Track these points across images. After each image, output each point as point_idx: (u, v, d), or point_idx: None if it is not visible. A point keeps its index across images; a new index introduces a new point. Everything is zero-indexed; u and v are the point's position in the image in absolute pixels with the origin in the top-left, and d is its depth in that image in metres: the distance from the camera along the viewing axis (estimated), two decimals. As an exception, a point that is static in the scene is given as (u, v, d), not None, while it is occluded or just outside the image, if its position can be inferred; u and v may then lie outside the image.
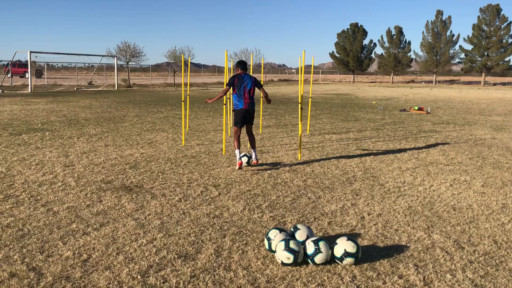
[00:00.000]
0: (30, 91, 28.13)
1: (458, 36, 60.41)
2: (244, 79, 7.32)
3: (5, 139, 9.89)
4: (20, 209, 5.22)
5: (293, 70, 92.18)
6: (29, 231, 4.55)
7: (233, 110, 7.60)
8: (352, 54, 67.28)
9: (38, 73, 49.62)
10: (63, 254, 4.03)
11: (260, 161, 8.00)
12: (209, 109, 18.31)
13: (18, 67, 49.39)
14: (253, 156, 7.53)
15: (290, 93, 32.16)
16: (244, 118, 7.44)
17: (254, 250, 4.23)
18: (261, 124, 12.27)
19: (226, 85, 7.57)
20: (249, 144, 7.82)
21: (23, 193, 5.83)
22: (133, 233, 4.57)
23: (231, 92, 7.83)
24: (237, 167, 7.36)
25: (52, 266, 3.79)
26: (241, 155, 7.55)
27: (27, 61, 33.75)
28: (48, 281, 3.54)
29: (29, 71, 30.46)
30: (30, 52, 29.44)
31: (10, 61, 35.16)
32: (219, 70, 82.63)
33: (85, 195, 5.81)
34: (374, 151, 9.33)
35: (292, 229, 4.30)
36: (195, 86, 41.98)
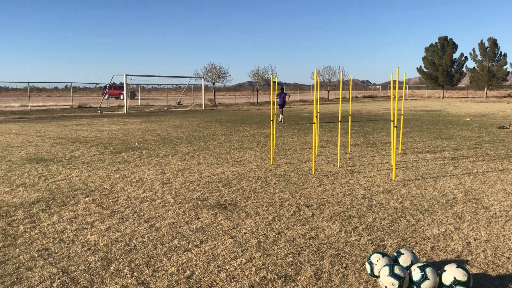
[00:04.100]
0: (125, 111, 30.03)
1: (562, 46, 55.66)
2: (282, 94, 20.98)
3: (107, 157, 10.59)
4: (126, 224, 5.53)
5: (378, 86, 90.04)
6: (135, 246, 4.80)
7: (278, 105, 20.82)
8: (441, 68, 64.41)
9: (132, 94, 52.99)
10: (168, 269, 4.19)
11: (351, 181, 7.89)
12: (293, 127, 18.37)
13: (114, 89, 53.05)
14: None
15: (376, 110, 31.39)
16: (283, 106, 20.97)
17: (355, 274, 4.11)
18: (349, 143, 12.05)
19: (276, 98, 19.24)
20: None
21: (127, 209, 6.18)
22: (231, 251, 4.65)
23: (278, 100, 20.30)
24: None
25: (159, 281, 3.96)
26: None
27: (121, 84, 36.19)
28: (156, 295, 3.69)
29: (125, 93, 32.57)
30: (126, 75, 31.52)
31: (108, 83, 37.86)
32: (301, 88, 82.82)
33: (183, 212, 6.03)
34: (474, 172, 8.78)
35: (395, 254, 4.13)
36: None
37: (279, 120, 20.87)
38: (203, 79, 40.07)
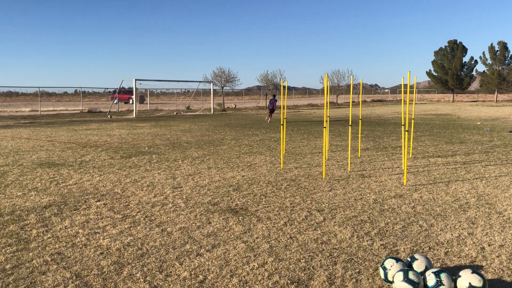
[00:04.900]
0: (134, 116, 30.17)
1: None
2: (272, 100, 24.76)
3: (118, 161, 10.64)
4: (137, 228, 5.54)
5: (387, 90, 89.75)
6: (147, 250, 4.81)
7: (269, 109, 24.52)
8: (451, 72, 64.09)
9: (141, 99, 53.24)
10: (180, 274, 4.19)
11: (362, 185, 7.86)
12: (303, 131, 18.34)
13: (123, 93, 53.33)
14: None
15: (386, 114, 31.27)
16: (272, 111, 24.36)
17: (368, 279, 4.08)
18: (359, 147, 12.01)
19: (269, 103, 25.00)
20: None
21: (139, 214, 6.19)
22: (244, 256, 4.64)
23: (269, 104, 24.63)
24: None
25: (171, 285, 3.95)
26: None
27: (130, 88, 36.40)
28: (169, 300, 3.68)
29: (134, 97, 32.73)
30: (135, 79, 31.69)
31: (117, 88, 38.08)
32: (309, 92, 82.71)
33: (194, 216, 6.04)
34: (486, 176, 8.70)
35: (409, 259, 4.10)
36: (287, 108, 42.38)
37: (265, 118, 25.04)
38: (212, 83, 40.21)
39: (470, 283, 3.64)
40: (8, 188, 7.74)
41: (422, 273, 3.87)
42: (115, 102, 40.44)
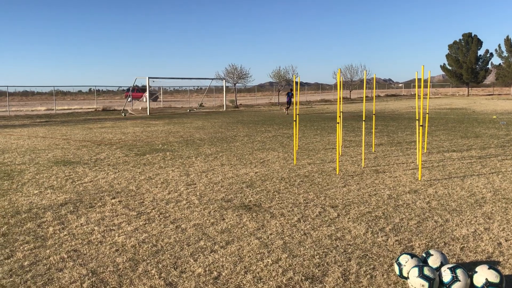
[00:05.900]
0: (148, 114, 30.35)
1: None
2: (290, 93, 28.78)
3: (132, 159, 10.72)
4: (152, 225, 5.59)
5: (400, 85, 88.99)
6: (162, 247, 4.84)
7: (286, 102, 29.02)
8: (466, 66, 63.23)
9: (154, 97, 53.51)
10: (195, 270, 4.21)
11: (377, 181, 7.82)
12: (316, 127, 18.28)
13: (136, 91, 53.64)
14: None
15: (400, 109, 31.01)
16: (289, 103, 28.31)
17: (383, 275, 4.06)
18: (373, 142, 11.93)
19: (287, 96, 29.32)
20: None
21: (153, 211, 6.24)
22: (258, 252, 4.65)
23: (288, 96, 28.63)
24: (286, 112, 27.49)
25: (186, 282, 3.98)
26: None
27: (143, 86, 36.64)
28: (184, 296, 3.71)
29: (147, 95, 32.92)
30: (149, 77, 31.86)
31: (131, 86, 38.35)
32: (322, 87, 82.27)
33: (208, 213, 6.06)
34: (503, 170, 8.58)
35: (424, 255, 4.07)
36: (299, 104, 42.25)
37: (286, 113, 27.58)
38: (224, 80, 40.26)
39: (487, 279, 3.61)
40: (25, 186, 7.86)
41: (438, 269, 3.85)
42: (129, 100, 40.70)
